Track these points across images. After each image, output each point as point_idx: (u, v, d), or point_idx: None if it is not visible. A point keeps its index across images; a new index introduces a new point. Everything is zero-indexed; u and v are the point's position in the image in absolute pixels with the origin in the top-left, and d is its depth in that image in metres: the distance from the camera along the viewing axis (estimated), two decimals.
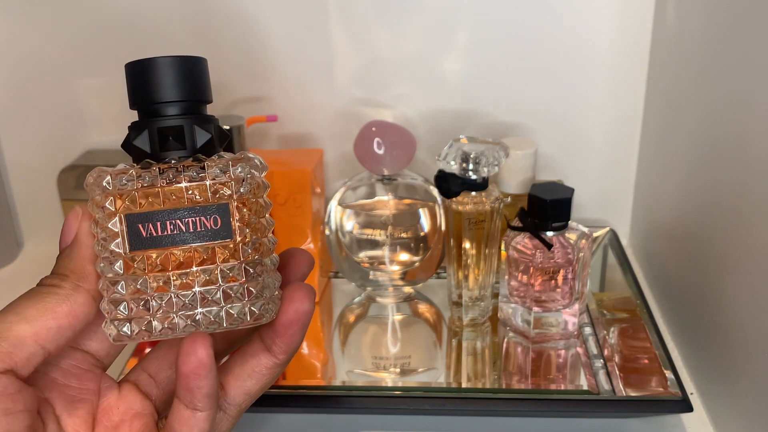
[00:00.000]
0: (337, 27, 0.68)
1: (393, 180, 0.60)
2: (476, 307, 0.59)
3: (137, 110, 0.30)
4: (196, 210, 0.28)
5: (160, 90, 0.29)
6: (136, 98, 0.29)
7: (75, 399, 0.32)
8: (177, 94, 0.29)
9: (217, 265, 0.29)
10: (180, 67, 0.29)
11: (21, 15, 0.68)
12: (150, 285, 0.29)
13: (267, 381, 0.33)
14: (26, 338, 0.27)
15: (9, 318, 0.28)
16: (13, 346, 0.27)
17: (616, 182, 0.73)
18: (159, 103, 0.29)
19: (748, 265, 0.46)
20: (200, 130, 0.29)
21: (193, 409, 0.30)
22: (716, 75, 0.52)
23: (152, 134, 0.29)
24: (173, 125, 0.29)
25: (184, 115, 0.29)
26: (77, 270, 0.30)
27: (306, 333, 0.32)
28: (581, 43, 0.67)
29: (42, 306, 0.28)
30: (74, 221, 0.31)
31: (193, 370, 0.28)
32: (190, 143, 0.29)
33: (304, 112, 0.71)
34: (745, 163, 0.46)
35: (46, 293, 0.29)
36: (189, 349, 0.28)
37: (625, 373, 0.52)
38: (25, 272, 0.73)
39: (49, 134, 0.72)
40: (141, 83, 0.29)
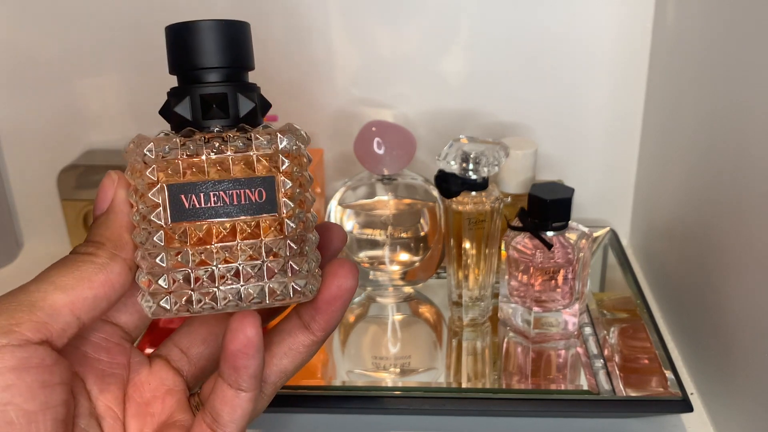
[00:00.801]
0: (337, 27, 0.68)
1: (393, 180, 0.60)
2: (476, 307, 0.59)
3: (177, 75, 0.29)
4: (241, 182, 0.27)
5: (202, 55, 0.27)
6: (176, 63, 0.28)
7: (105, 373, 0.31)
8: (220, 59, 0.28)
9: (261, 239, 0.28)
10: (224, 31, 0.28)
11: (21, 15, 0.68)
12: (191, 258, 0.28)
13: (303, 359, 0.32)
14: (62, 308, 0.26)
15: (43, 287, 0.27)
16: (48, 315, 0.26)
17: (617, 182, 0.73)
18: (201, 68, 0.28)
19: (749, 264, 0.46)
20: (244, 99, 0.28)
21: (237, 389, 0.29)
22: (716, 75, 0.52)
23: (194, 101, 0.28)
24: (217, 92, 0.28)
25: (228, 82, 0.28)
26: (113, 238, 0.29)
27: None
28: (581, 43, 0.67)
29: (78, 275, 0.27)
30: (110, 187, 0.30)
31: (241, 348, 0.28)
32: (234, 112, 0.28)
33: (304, 112, 0.71)
34: (745, 163, 0.46)
35: (81, 261, 0.28)
36: (237, 326, 0.27)
37: (625, 373, 0.52)
38: (25, 272, 0.72)
39: (49, 134, 0.72)
40: (182, 47, 0.28)
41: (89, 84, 0.71)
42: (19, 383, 0.25)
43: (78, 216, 0.71)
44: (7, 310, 0.26)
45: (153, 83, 0.71)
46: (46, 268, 0.28)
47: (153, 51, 0.70)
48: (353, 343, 0.59)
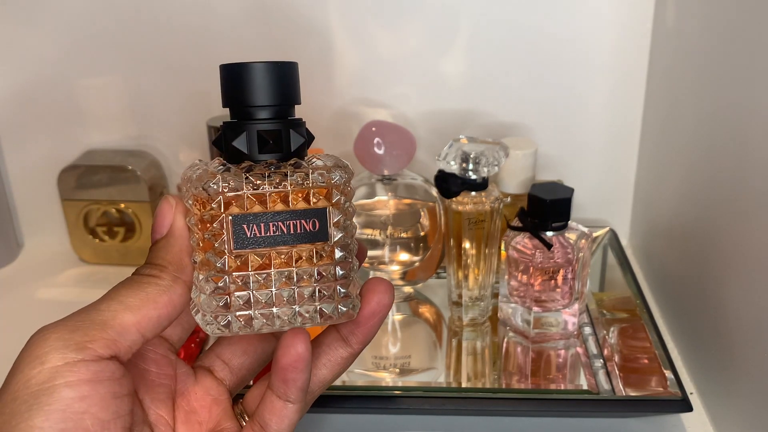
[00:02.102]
0: (337, 27, 0.68)
1: (393, 180, 0.60)
2: (476, 306, 0.59)
3: (231, 110, 0.31)
4: (298, 213, 0.30)
5: (258, 94, 0.30)
6: (232, 99, 0.30)
7: (155, 383, 0.33)
8: (274, 98, 0.30)
9: (315, 265, 0.31)
10: (277, 72, 0.30)
11: (22, 15, 0.68)
12: (253, 282, 0.30)
13: (340, 370, 0.34)
14: (130, 327, 0.28)
15: (114, 306, 0.29)
16: (118, 333, 0.28)
17: (616, 182, 0.73)
18: (257, 106, 0.30)
19: (748, 264, 0.46)
20: (296, 135, 0.31)
21: (285, 401, 0.31)
22: (716, 75, 0.52)
23: (251, 137, 0.30)
24: (272, 129, 0.30)
25: (281, 119, 0.30)
26: (175, 262, 0.31)
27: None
28: (581, 44, 0.67)
29: (144, 296, 0.29)
30: (168, 212, 0.32)
31: (292, 363, 0.30)
32: (286, 146, 0.30)
33: (304, 112, 0.71)
34: (745, 163, 0.46)
35: (146, 283, 0.30)
36: (290, 342, 0.30)
37: (624, 372, 0.52)
38: (25, 272, 0.73)
39: (49, 134, 0.72)
40: (238, 85, 0.30)
41: (89, 84, 0.71)
42: (94, 394, 0.27)
43: (78, 216, 0.71)
44: (81, 328, 0.28)
45: (153, 84, 0.71)
46: (113, 288, 0.30)
47: (153, 52, 0.71)
48: None
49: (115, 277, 0.69)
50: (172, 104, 0.71)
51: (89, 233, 0.72)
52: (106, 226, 0.71)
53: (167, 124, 0.72)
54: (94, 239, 0.72)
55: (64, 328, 0.28)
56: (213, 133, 0.63)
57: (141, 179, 0.69)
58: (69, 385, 0.26)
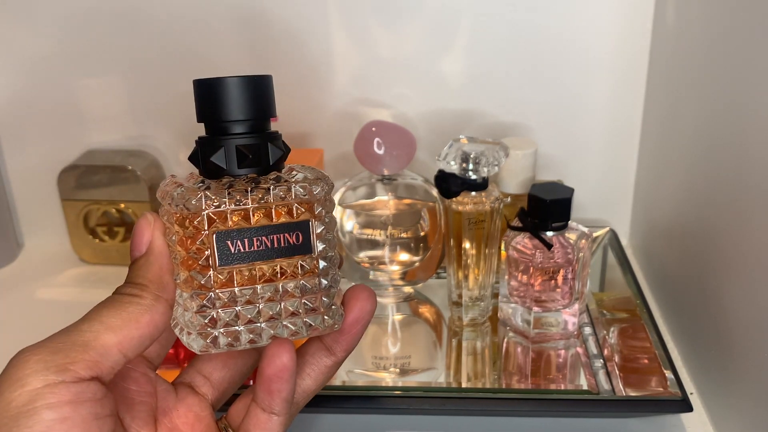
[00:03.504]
0: (337, 27, 0.68)
1: (393, 180, 0.60)
2: (476, 307, 0.59)
3: (206, 126, 0.30)
4: (281, 227, 0.30)
5: (233, 108, 0.29)
6: (206, 114, 0.30)
7: (135, 401, 0.33)
8: (250, 112, 0.30)
9: (300, 278, 0.31)
10: (251, 86, 0.30)
11: (22, 15, 0.68)
12: (238, 298, 0.30)
13: (324, 379, 0.34)
14: (112, 347, 0.28)
15: (95, 327, 0.28)
16: (100, 355, 0.28)
17: (616, 182, 0.73)
18: (232, 121, 0.29)
19: (748, 264, 0.46)
20: (274, 148, 0.30)
21: (270, 413, 0.31)
22: (716, 75, 0.52)
23: (229, 152, 0.29)
24: (250, 143, 0.30)
25: (257, 133, 0.30)
26: (156, 280, 0.30)
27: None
28: (581, 43, 0.67)
29: (126, 316, 0.29)
30: (147, 229, 0.31)
31: (277, 373, 0.30)
32: (265, 160, 0.30)
33: (304, 112, 0.71)
34: (745, 163, 0.46)
35: (128, 303, 0.29)
36: (274, 352, 0.30)
37: (624, 372, 0.52)
38: (25, 272, 0.73)
39: (49, 134, 0.72)
40: (213, 101, 0.29)
41: (89, 84, 0.71)
42: (75, 416, 0.27)
43: (78, 216, 0.71)
44: (62, 350, 0.27)
45: (153, 84, 0.71)
46: (94, 307, 0.30)
47: (153, 51, 0.71)
48: None
49: (115, 277, 0.69)
50: (172, 104, 0.71)
51: (89, 233, 0.72)
52: (106, 226, 0.71)
53: (167, 124, 0.72)
54: (94, 239, 0.72)
55: (45, 349, 0.27)
56: None
57: (141, 179, 0.69)
58: (50, 407, 0.26)
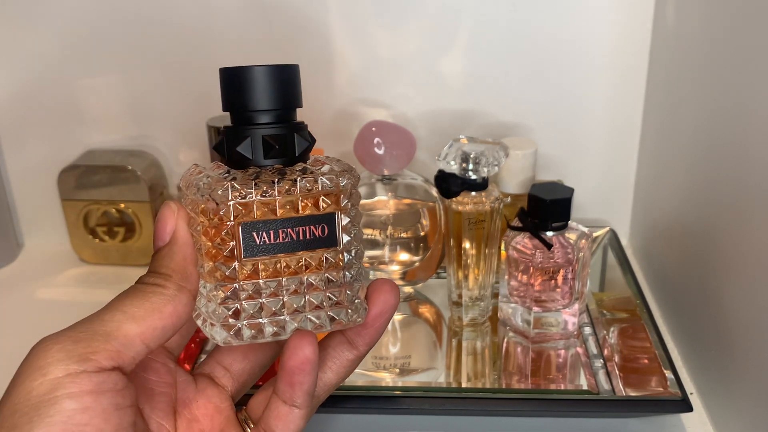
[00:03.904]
0: (337, 27, 0.68)
1: (393, 180, 0.60)
2: (476, 306, 0.59)
3: (232, 115, 0.30)
4: (307, 219, 0.30)
5: (260, 97, 0.29)
6: (233, 104, 0.29)
7: (155, 392, 0.33)
8: (277, 102, 0.29)
9: (325, 271, 0.30)
10: (279, 75, 0.29)
11: (22, 15, 0.68)
12: (263, 290, 0.30)
13: (345, 373, 0.34)
14: (134, 338, 0.28)
15: (117, 317, 0.28)
16: (122, 345, 0.28)
17: (616, 182, 0.73)
18: (259, 110, 0.29)
19: (748, 264, 0.46)
20: (300, 138, 0.30)
21: (291, 405, 0.31)
22: (716, 75, 0.52)
23: (255, 142, 0.29)
24: (277, 134, 0.29)
25: (284, 123, 0.30)
26: (179, 270, 0.30)
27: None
28: (581, 44, 0.68)
29: (149, 306, 0.29)
30: (170, 219, 0.31)
31: (299, 365, 0.30)
32: (291, 151, 0.30)
33: (304, 112, 0.71)
34: (745, 163, 0.46)
35: (151, 293, 0.29)
36: (297, 344, 0.29)
37: (624, 372, 0.52)
38: (26, 272, 0.73)
39: (49, 134, 0.72)
40: (240, 90, 0.29)
41: (89, 84, 0.71)
42: (96, 406, 0.27)
43: (78, 216, 0.71)
44: (84, 339, 0.27)
45: (153, 84, 0.71)
46: (116, 297, 0.29)
47: (153, 51, 0.71)
48: None
49: (115, 277, 0.69)
50: (173, 104, 0.71)
51: (89, 233, 0.72)
52: (106, 226, 0.71)
53: (167, 124, 0.72)
54: (94, 239, 0.72)
55: (67, 339, 0.27)
56: (213, 133, 0.63)
57: (141, 179, 0.69)
58: (71, 397, 0.26)
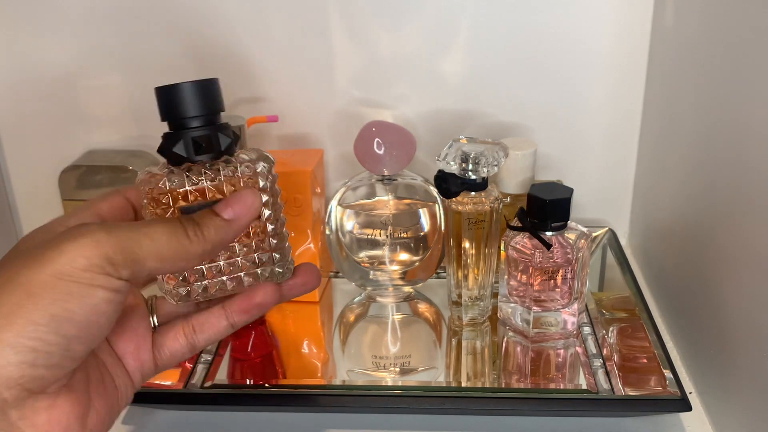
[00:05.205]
0: (337, 27, 0.68)
1: (393, 180, 0.60)
2: (476, 306, 0.59)
3: (169, 123, 0.37)
4: None
5: (188, 107, 0.36)
6: (167, 113, 0.36)
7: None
8: (201, 109, 0.36)
9: (251, 238, 0.38)
10: (201, 88, 0.36)
11: (23, 16, 0.68)
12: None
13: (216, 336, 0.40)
14: (153, 269, 0.33)
15: (146, 245, 0.33)
16: (146, 269, 0.33)
17: (615, 182, 0.73)
18: (189, 117, 0.36)
19: (747, 264, 0.46)
20: (223, 136, 0.36)
21: (230, 323, 0.39)
22: (714, 75, 0.52)
23: (187, 143, 0.36)
24: (203, 134, 0.36)
25: (209, 126, 0.36)
26: (217, 242, 0.36)
27: None
28: (581, 44, 0.68)
29: (178, 249, 0.34)
30: (253, 211, 0.37)
31: (262, 303, 0.38)
32: (217, 147, 0.36)
33: (304, 112, 0.71)
34: (743, 163, 0.46)
35: (187, 240, 0.34)
36: (270, 290, 0.38)
37: (624, 372, 0.52)
38: None
39: (50, 134, 0.73)
40: (171, 102, 0.36)
41: (90, 85, 0.71)
42: (109, 310, 0.32)
43: None
44: (121, 251, 0.32)
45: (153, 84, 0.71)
46: (156, 222, 0.34)
47: (153, 52, 0.71)
48: (353, 343, 0.60)
49: None
50: None
51: None
52: None
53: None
54: None
55: (107, 246, 0.31)
56: None
57: None
58: (104, 290, 0.31)
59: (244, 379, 0.55)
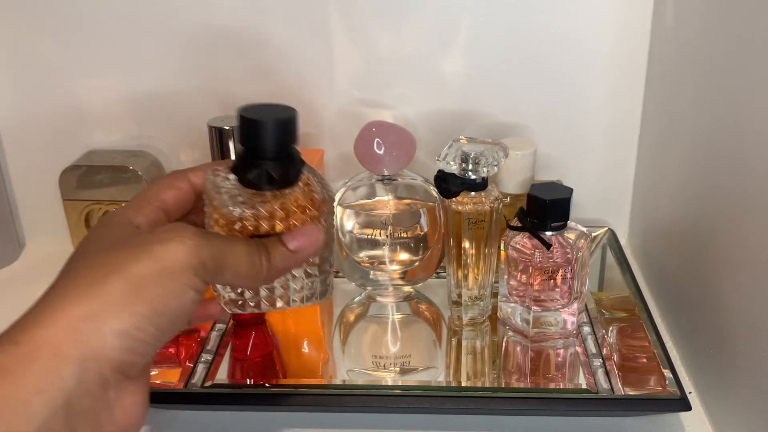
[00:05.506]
0: (337, 27, 0.68)
1: (393, 180, 0.60)
2: (476, 306, 0.59)
3: (245, 149, 0.38)
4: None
5: (267, 142, 0.38)
6: (247, 143, 0.38)
7: None
8: (279, 145, 0.38)
9: (306, 266, 0.40)
10: (282, 126, 0.38)
11: (23, 15, 0.68)
12: None
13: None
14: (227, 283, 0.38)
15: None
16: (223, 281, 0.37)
17: (615, 182, 0.73)
18: (265, 150, 0.38)
19: (747, 264, 0.46)
20: (293, 169, 0.39)
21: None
22: (714, 75, 0.52)
23: (261, 174, 0.38)
24: (276, 167, 0.38)
25: (283, 158, 0.38)
26: (278, 268, 0.39)
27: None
28: (580, 44, 0.68)
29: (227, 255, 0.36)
30: (314, 247, 0.39)
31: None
32: (285, 179, 0.38)
33: (304, 112, 0.71)
34: (743, 163, 0.46)
35: (250, 252, 0.37)
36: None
37: (623, 372, 0.52)
38: (27, 271, 0.73)
39: (50, 134, 0.73)
40: (253, 134, 0.38)
41: (91, 85, 0.71)
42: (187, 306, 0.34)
43: (80, 216, 0.71)
44: (211, 262, 0.35)
45: (154, 84, 0.72)
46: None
47: (154, 52, 0.71)
48: (353, 342, 0.60)
49: None
50: (173, 105, 0.71)
51: None
52: None
53: (168, 124, 0.72)
54: None
55: (204, 252, 0.34)
56: (214, 133, 0.63)
57: (142, 179, 0.69)
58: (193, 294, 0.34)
59: (244, 379, 0.55)
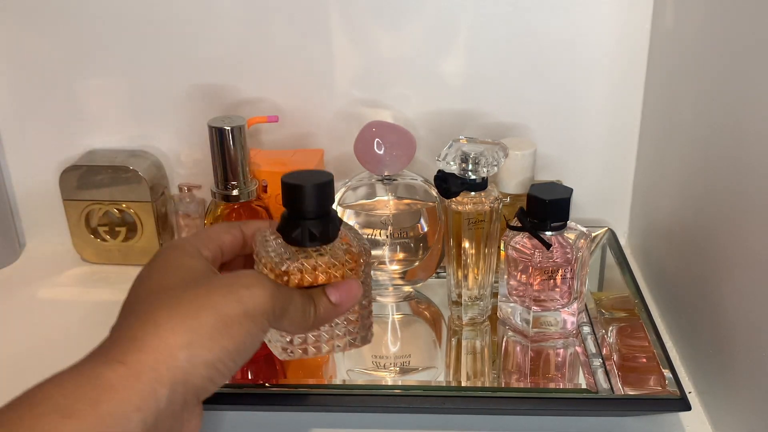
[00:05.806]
0: (337, 27, 0.68)
1: (393, 180, 0.60)
2: (475, 306, 0.60)
3: (289, 210, 0.43)
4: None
5: (307, 204, 0.42)
6: (290, 205, 0.42)
7: None
8: (319, 208, 0.42)
9: (347, 314, 0.44)
10: (321, 190, 0.42)
11: (24, 15, 0.68)
12: None
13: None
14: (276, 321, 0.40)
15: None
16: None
17: (615, 182, 0.73)
18: (307, 211, 0.42)
19: (746, 264, 0.46)
20: (333, 227, 0.43)
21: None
22: (714, 75, 0.52)
23: (303, 232, 0.42)
24: (317, 226, 0.42)
25: (323, 218, 0.42)
26: (308, 323, 0.42)
27: None
28: (580, 44, 0.68)
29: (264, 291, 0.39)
30: (353, 300, 0.43)
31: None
32: (325, 236, 0.43)
33: (304, 112, 0.71)
34: (743, 163, 0.46)
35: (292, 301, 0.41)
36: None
37: (623, 371, 0.52)
38: (27, 271, 0.73)
39: (50, 134, 0.73)
40: (295, 198, 0.42)
41: (91, 85, 0.71)
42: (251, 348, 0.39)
43: (80, 216, 0.71)
44: (277, 316, 0.40)
45: (154, 84, 0.72)
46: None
47: (154, 52, 0.71)
48: None
49: (117, 276, 0.69)
50: (174, 105, 0.71)
51: (91, 233, 0.72)
52: (107, 226, 0.72)
53: (168, 124, 0.72)
54: (96, 239, 0.72)
55: (276, 300, 0.38)
56: (214, 133, 0.63)
57: (142, 179, 0.69)
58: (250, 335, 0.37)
59: (244, 379, 0.55)
